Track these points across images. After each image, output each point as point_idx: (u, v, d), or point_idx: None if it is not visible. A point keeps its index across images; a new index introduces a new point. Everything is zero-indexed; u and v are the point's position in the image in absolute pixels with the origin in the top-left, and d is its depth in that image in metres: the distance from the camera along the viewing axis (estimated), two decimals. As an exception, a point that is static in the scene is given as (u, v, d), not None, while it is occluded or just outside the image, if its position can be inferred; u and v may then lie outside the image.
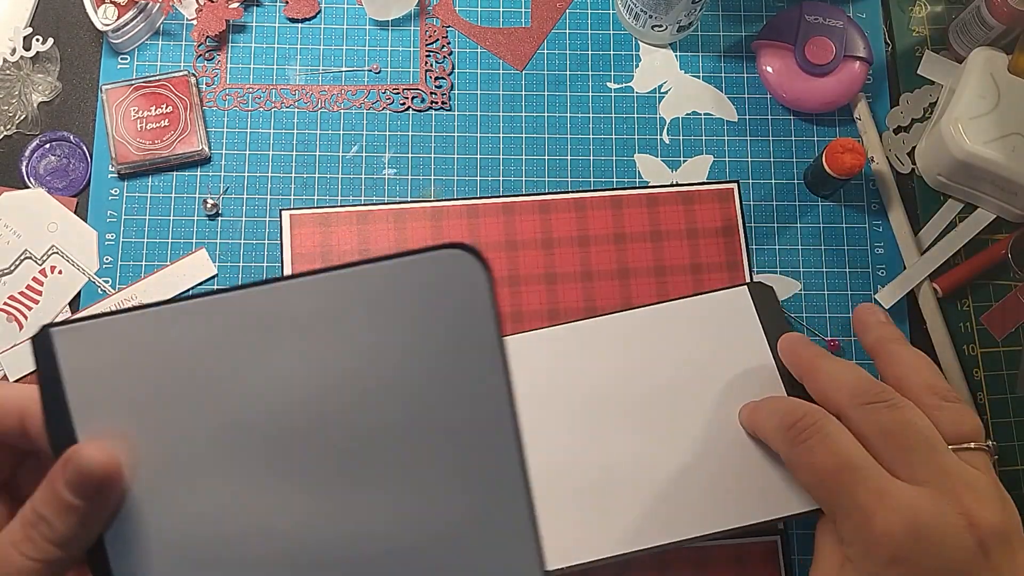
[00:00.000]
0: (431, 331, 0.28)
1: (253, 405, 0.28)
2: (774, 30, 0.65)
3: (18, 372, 0.59)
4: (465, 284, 0.28)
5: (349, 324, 0.28)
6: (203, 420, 0.29)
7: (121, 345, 0.29)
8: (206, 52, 0.65)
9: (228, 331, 0.28)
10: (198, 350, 0.29)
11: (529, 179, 0.64)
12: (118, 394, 0.29)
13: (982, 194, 0.62)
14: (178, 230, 0.62)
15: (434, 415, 0.28)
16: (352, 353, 0.28)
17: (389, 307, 0.28)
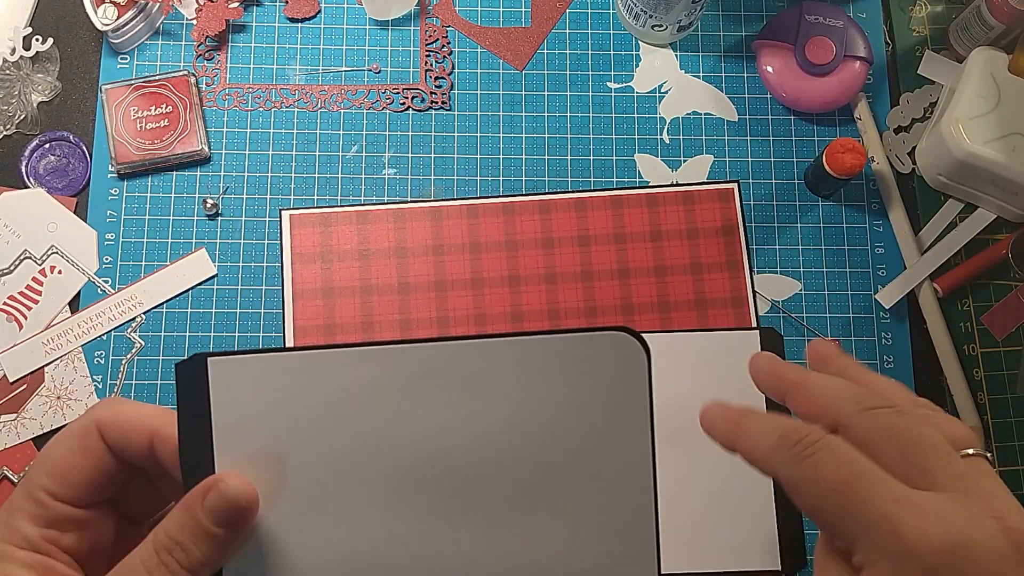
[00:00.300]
0: (591, 398, 0.31)
1: (400, 450, 0.30)
2: (774, 30, 0.65)
3: (18, 372, 0.59)
4: (627, 361, 0.31)
5: (513, 385, 0.31)
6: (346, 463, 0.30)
7: (275, 383, 0.30)
8: (206, 52, 0.65)
9: (383, 381, 0.30)
10: (350, 396, 0.30)
11: (529, 179, 0.64)
12: (263, 430, 0.30)
13: (982, 194, 0.62)
14: (178, 230, 0.62)
15: (584, 471, 0.31)
16: (511, 411, 0.31)
17: (555, 373, 0.31)
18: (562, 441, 0.31)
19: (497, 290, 0.61)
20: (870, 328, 0.62)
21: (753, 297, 0.62)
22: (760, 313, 0.62)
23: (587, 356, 0.31)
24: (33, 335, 0.60)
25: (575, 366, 0.31)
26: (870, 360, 0.62)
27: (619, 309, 0.61)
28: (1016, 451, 0.61)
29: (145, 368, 0.60)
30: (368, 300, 0.61)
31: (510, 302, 0.61)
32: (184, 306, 0.61)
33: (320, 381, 0.30)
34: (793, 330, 0.62)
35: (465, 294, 0.61)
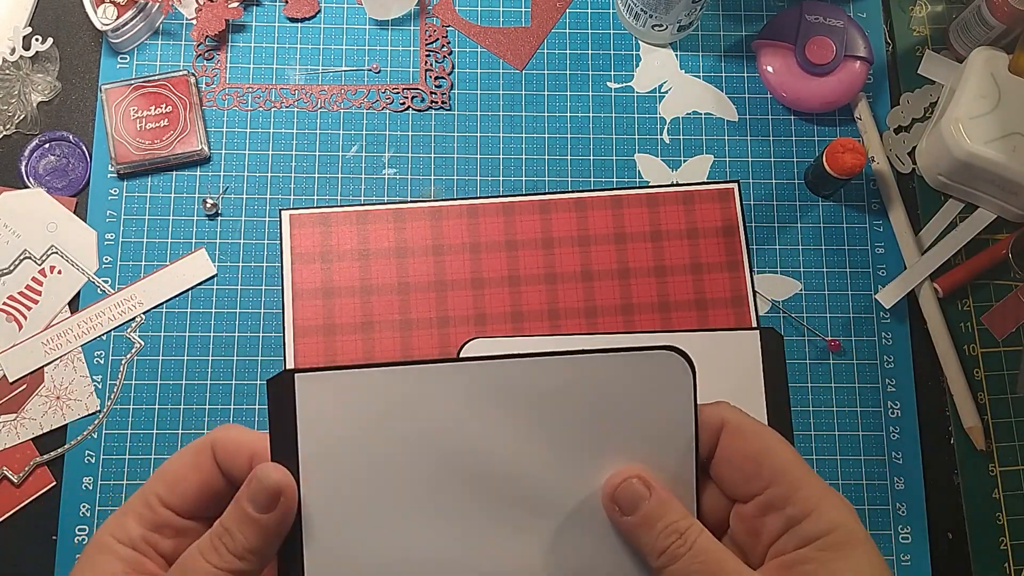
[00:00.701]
0: (642, 413, 0.33)
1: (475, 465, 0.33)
2: (774, 30, 0.65)
3: (17, 372, 0.59)
4: (674, 380, 0.33)
5: (571, 401, 0.33)
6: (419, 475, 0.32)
7: (358, 399, 0.32)
8: (206, 52, 0.65)
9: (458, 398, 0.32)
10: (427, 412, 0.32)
11: (529, 179, 0.64)
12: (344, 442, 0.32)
13: (982, 194, 0.62)
14: (178, 230, 0.62)
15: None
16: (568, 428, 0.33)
17: (607, 389, 0.33)
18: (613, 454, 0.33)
19: (497, 290, 0.61)
20: (870, 328, 0.62)
21: (753, 297, 0.62)
22: (760, 313, 0.62)
23: (637, 373, 0.33)
24: (33, 335, 0.60)
25: (625, 382, 0.33)
26: (870, 360, 0.62)
27: (619, 309, 0.61)
28: (1016, 451, 0.61)
29: (145, 368, 0.60)
30: (368, 300, 0.61)
31: (510, 302, 0.61)
32: (184, 306, 0.61)
33: (399, 395, 0.32)
34: (793, 330, 0.62)
35: (465, 294, 0.61)
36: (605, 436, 0.33)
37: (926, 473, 0.60)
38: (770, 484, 0.32)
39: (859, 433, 0.61)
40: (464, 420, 0.32)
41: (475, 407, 0.32)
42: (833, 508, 0.31)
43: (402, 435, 0.32)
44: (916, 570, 0.59)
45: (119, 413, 0.59)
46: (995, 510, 0.60)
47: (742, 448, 0.33)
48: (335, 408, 0.32)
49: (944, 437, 0.61)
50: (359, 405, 0.32)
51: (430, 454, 0.32)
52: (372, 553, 0.32)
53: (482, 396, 0.32)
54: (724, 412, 0.33)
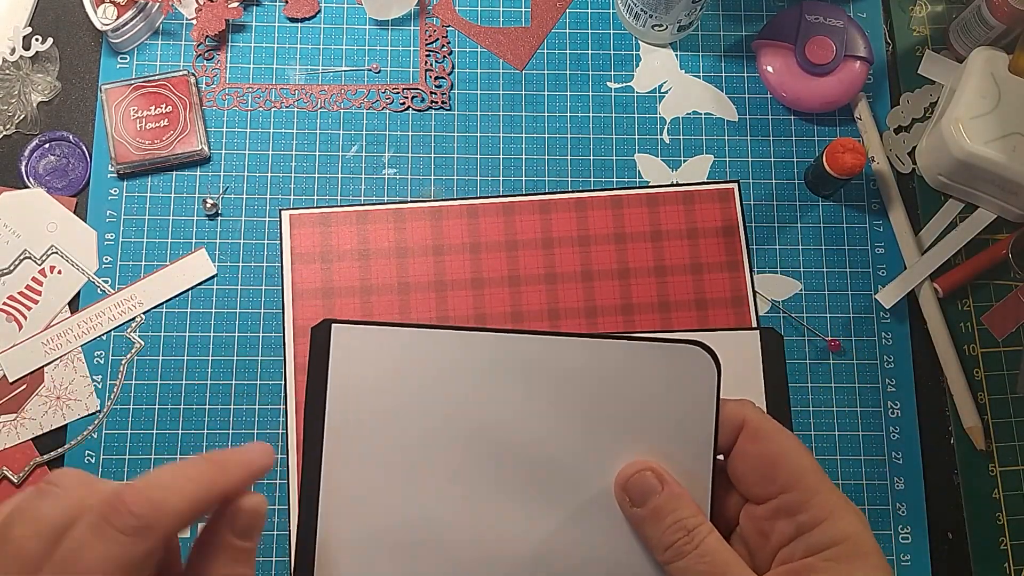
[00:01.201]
0: (665, 405, 0.33)
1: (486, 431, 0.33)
2: (774, 30, 0.65)
3: (17, 372, 0.59)
4: (700, 374, 0.33)
5: (596, 385, 0.33)
6: (436, 435, 0.34)
7: (387, 353, 0.34)
8: (206, 52, 0.65)
9: (484, 366, 0.34)
10: (452, 374, 0.34)
11: (529, 179, 0.64)
12: (371, 391, 0.34)
13: (982, 194, 0.62)
14: (178, 230, 0.62)
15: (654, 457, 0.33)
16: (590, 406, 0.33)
17: (632, 377, 0.33)
18: (632, 442, 0.33)
19: (497, 290, 0.61)
20: (870, 328, 0.62)
21: (753, 297, 0.62)
22: (760, 313, 0.62)
23: (666, 364, 0.33)
24: (33, 335, 0.60)
25: (653, 372, 0.33)
26: (870, 360, 0.62)
27: (619, 309, 0.61)
28: (1016, 451, 0.61)
29: (145, 368, 0.60)
30: (368, 300, 0.61)
31: (510, 302, 0.61)
32: (184, 306, 0.61)
33: (428, 355, 0.34)
34: (793, 330, 0.62)
35: (465, 294, 0.61)
36: (625, 423, 0.33)
37: (926, 473, 0.60)
38: (785, 489, 0.32)
39: (859, 433, 0.61)
40: (487, 388, 0.33)
41: (500, 377, 0.33)
42: (845, 519, 0.31)
43: (425, 394, 0.34)
44: (916, 570, 0.59)
45: (119, 413, 0.59)
46: (995, 510, 0.60)
47: (760, 450, 0.33)
48: (364, 358, 0.34)
49: (944, 437, 0.61)
50: (388, 359, 0.34)
51: (449, 416, 0.34)
52: (382, 503, 0.33)
53: (509, 367, 0.33)
54: (747, 411, 0.33)
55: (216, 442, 0.59)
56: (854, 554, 0.31)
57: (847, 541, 0.31)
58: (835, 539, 0.31)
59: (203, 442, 0.59)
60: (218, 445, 0.59)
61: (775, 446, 0.32)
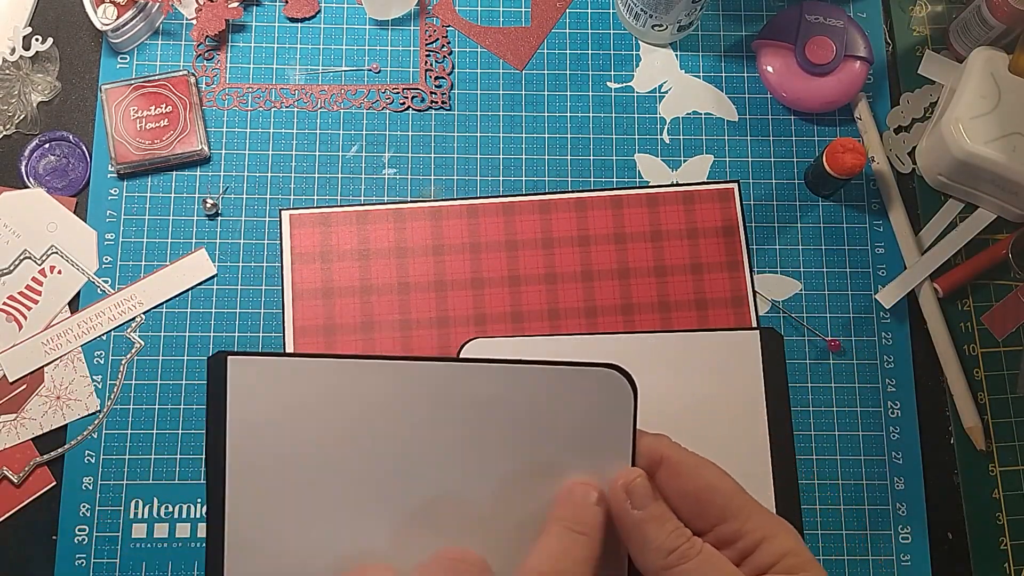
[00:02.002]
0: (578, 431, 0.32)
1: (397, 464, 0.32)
2: (774, 30, 0.65)
3: (17, 372, 0.59)
4: (615, 400, 0.33)
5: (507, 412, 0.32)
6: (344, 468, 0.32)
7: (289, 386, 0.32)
8: (206, 52, 0.65)
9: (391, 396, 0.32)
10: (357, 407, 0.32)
11: (529, 179, 0.64)
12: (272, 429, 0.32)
13: (982, 194, 0.62)
14: (178, 230, 0.62)
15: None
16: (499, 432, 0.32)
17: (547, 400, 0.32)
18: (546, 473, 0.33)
19: (497, 290, 0.61)
20: (870, 328, 0.62)
21: (753, 297, 0.62)
22: (760, 313, 0.62)
23: (578, 387, 0.32)
24: (33, 335, 0.60)
25: (566, 395, 0.32)
26: (870, 360, 0.62)
27: (619, 309, 0.61)
28: (1016, 451, 0.61)
29: (145, 368, 0.60)
30: (368, 300, 0.61)
31: (510, 302, 0.61)
32: (184, 306, 0.61)
33: (330, 388, 0.32)
34: (793, 330, 0.62)
35: (465, 294, 0.61)
36: (539, 451, 0.32)
37: (926, 473, 0.60)
38: (717, 521, 0.32)
39: (859, 433, 0.61)
40: (394, 418, 0.32)
41: (408, 407, 0.32)
42: (780, 536, 0.32)
43: (330, 427, 0.32)
44: (916, 570, 0.59)
45: (119, 413, 0.59)
46: (995, 510, 0.60)
47: (682, 487, 0.33)
48: (265, 393, 0.32)
49: (944, 437, 0.61)
50: (290, 392, 0.32)
51: (356, 448, 0.32)
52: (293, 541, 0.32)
53: (416, 396, 0.32)
54: (663, 447, 0.33)
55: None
56: (798, 566, 0.32)
57: (788, 555, 0.32)
58: (778, 556, 0.32)
59: (203, 442, 0.59)
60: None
61: (700, 480, 0.33)
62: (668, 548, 0.32)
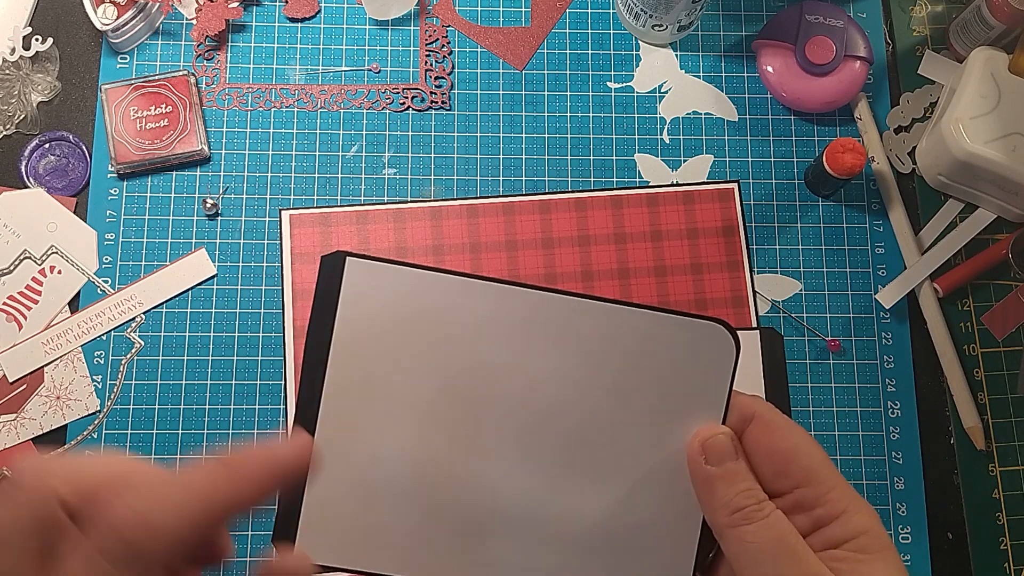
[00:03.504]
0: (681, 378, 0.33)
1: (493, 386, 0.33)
2: (774, 30, 0.65)
3: (18, 372, 0.59)
4: (717, 353, 0.33)
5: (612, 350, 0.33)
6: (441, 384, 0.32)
7: (402, 295, 0.32)
8: (206, 52, 0.65)
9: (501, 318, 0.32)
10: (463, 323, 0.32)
11: (529, 179, 0.64)
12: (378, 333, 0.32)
13: (982, 194, 0.62)
14: (178, 230, 0.62)
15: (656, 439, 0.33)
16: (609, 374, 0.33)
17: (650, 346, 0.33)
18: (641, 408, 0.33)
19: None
20: (870, 328, 0.62)
21: (753, 297, 0.62)
22: (760, 313, 0.62)
23: (688, 337, 0.33)
24: (33, 335, 0.60)
25: (674, 344, 0.33)
26: (870, 360, 0.62)
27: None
28: (1016, 451, 0.61)
29: (145, 368, 0.60)
30: (368, 300, 0.61)
31: (510, 302, 0.61)
32: (184, 306, 0.61)
33: (445, 303, 0.32)
34: (793, 330, 0.62)
35: (465, 294, 0.61)
36: (636, 392, 0.33)
37: (926, 473, 0.60)
38: (800, 484, 0.32)
39: (859, 433, 0.61)
40: (506, 345, 0.32)
41: (523, 335, 0.33)
42: (861, 513, 0.32)
43: (435, 340, 0.32)
44: (916, 570, 0.59)
45: (119, 413, 0.59)
46: (995, 510, 0.60)
47: (772, 444, 0.33)
48: (378, 298, 0.32)
49: (944, 437, 0.61)
50: (402, 301, 0.32)
51: (458, 365, 0.32)
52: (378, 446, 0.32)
53: (533, 327, 0.32)
54: (758, 405, 0.33)
55: (216, 442, 0.59)
56: (873, 547, 0.31)
57: (865, 534, 0.31)
58: (854, 532, 0.31)
59: (203, 442, 0.59)
60: (218, 445, 0.59)
61: (789, 441, 0.32)
62: (735, 507, 0.32)
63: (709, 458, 0.32)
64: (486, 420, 0.33)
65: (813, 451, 0.32)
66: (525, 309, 0.32)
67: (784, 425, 0.33)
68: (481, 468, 0.33)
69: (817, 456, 0.32)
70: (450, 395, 0.32)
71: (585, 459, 0.33)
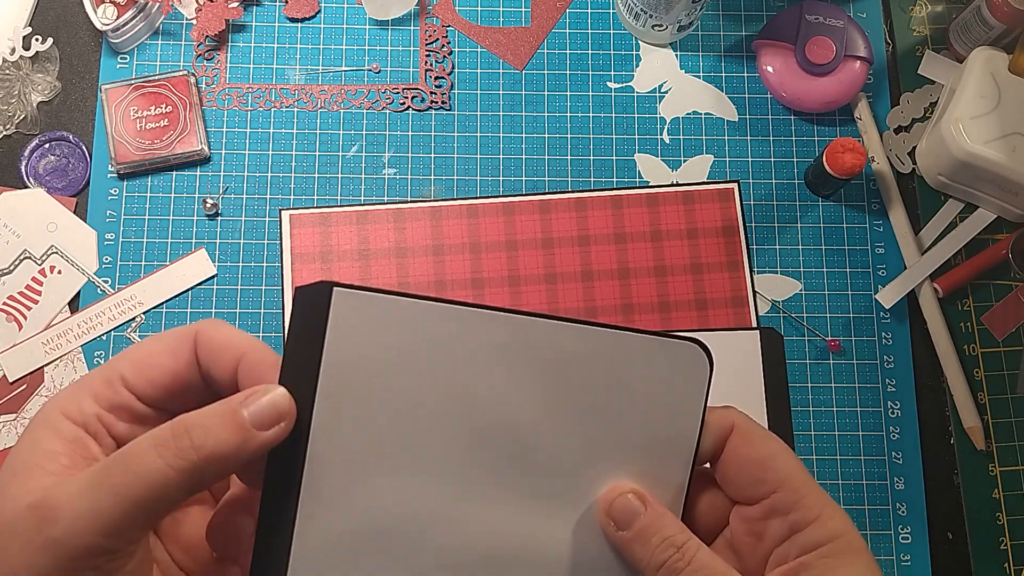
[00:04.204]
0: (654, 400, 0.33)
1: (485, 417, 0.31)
2: (774, 30, 0.65)
3: (18, 372, 0.59)
4: (691, 372, 0.33)
5: (591, 372, 0.32)
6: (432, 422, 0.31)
7: (395, 329, 0.29)
8: (206, 52, 0.65)
9: (491, 347, 0.31)
10: (461, 357, 0.31)
11: (529, 179, 0.64)
12: (370, 376, 0.29)
13: (982, 194, 0.62)
14: (178, 230, 0.62)
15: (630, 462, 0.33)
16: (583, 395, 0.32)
17: (627, 367, 0.32)
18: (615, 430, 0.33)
19: (497, 290, 0.61)
20: (870, 328, 0.62)
21: (753, 297, 0.62)
22: (760, 313, 0.62)
23: (660, 360, 0.33)
24: (33, 335, 0.60)
25: (646, 363, 0.33)
26: (870, 360, 0.62)
27: (619, 309, 0.61)
28: (1016, 451, 0.61)
29: (145, 368, 0.60)
30: (368, 300, 0.61)
31: (510, 302, 0.61)
32: (184, 306, 0.61)
33: (432, 332, 0.30)
34: (793, 330, 0.62)
35: (465, 294, 0.61)
36: (614, 414, 0.33)
37: (926, 473, 0.60)
38: (776, 489, 0.32)
39: (859, 433, 0.61)
40: (493, 373, 0.31)
41: (507, 362, 0.31)
42: (835, 517, 0.32)
43: (431, 379, 0.30)
44: (916, 570, 0.59)
45: (119, 413, 0.59)
46: (995, 510, 0.60)
47: (750, 452, 0.33)
48: (369, 333, 0.29)
49: (944, 437, 0.61)
50: (391, 333, 0.29)
51: (451, 400, 0.31)
52: (373, 500, 0.30)
53: (516, 352, 0.31)
54: (734, 416, 0.34)
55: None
56: (847, 551, 0.31)
57: (840, 538, 0.31)
58: (828, 536, 0.31)
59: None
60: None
61: (766, 449, 0.33)
62: (656, 564, 0.32)
63: (618, 523, 0.32)
64: (482, 458, 0.31)
65: (787, 458, 0.33)
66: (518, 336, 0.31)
67: (761, 434, 0.33)
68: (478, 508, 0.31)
69: (791, 463, 0.33)
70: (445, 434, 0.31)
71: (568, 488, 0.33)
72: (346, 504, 0.30)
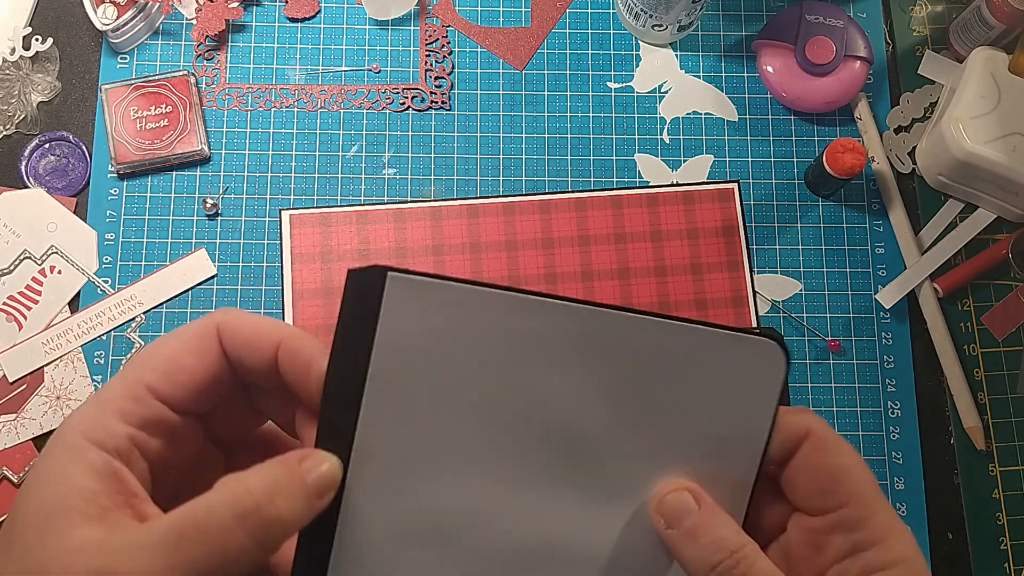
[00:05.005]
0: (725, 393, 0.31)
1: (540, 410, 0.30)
2: (774, 30, 0.65)
3: (17, 372, 0.59)
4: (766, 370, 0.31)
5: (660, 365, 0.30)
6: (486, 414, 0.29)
7: (447, 313, 0.28)
8: (206, 52, 0.65)
9: (551, 338, 0.29)
10: (517, 347, 0.29)
11: (529, 179, 0.64)
12: (420, 357, 0.28)
13: (982, 194, 0.62)
14: (178, 230, 0.62)
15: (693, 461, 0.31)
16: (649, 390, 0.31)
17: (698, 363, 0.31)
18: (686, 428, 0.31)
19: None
20: (870, 328, 0.62)
21: (753, 297, 0.62)
22: (760, 313, 0.62)
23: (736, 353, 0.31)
24: (33, 335, 0.60)
25: (721, 360, 0.31)
26: (870, 360, 0.62)
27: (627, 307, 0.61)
28: (1016, 451, 0.61)
29: (145, 368, 0.60)
30: (368, 300, 0.61)
31: (510, 302, 0.61)
32: (184, 306, 0.61)
33: (488, 321, 0.29)
34: (793, 330, 0.62)
35: (465, 294, 0.61)
36: (680, 411, 0.31)
37: (926, 473, 0.60)
38: (845, 504, 0.31)
39: (859, 433, 0.61)
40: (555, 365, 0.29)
41: (566, 354, 0.29)
42: (903, 542, 0.31)
43: (487, 369, 0.29)
44: (916, 570, 0.59)
45: (119, 413, 0.59)
46: (995, 510, 0.60)
47: (823, 462, 0.31)
48: (422, 320, 0.28)
49: (944, 437, 0.61)
50: (445, 320, 0.28)
51: (511, 396, 0.29)
52: (421, 494, 0.29)
53: (576, 344, 0.29)
54: (811, 421, 0.32)
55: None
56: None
57: (904, 564, 0.30)
58: (893, 561, 0.30)
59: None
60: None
61: (839, 459, 0.31)
62: (709, 565, 0.30)
63: (667, 521, 0.31)
64: (537, 454, 0.30)
65: (860, 472, 0.31)
66: (579, 327, 0.29)
67: (836, 443, 0.32)
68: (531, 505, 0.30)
69: (864, 477, 0.31)
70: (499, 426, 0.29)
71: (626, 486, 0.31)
72: (392, 498, 0.29)
